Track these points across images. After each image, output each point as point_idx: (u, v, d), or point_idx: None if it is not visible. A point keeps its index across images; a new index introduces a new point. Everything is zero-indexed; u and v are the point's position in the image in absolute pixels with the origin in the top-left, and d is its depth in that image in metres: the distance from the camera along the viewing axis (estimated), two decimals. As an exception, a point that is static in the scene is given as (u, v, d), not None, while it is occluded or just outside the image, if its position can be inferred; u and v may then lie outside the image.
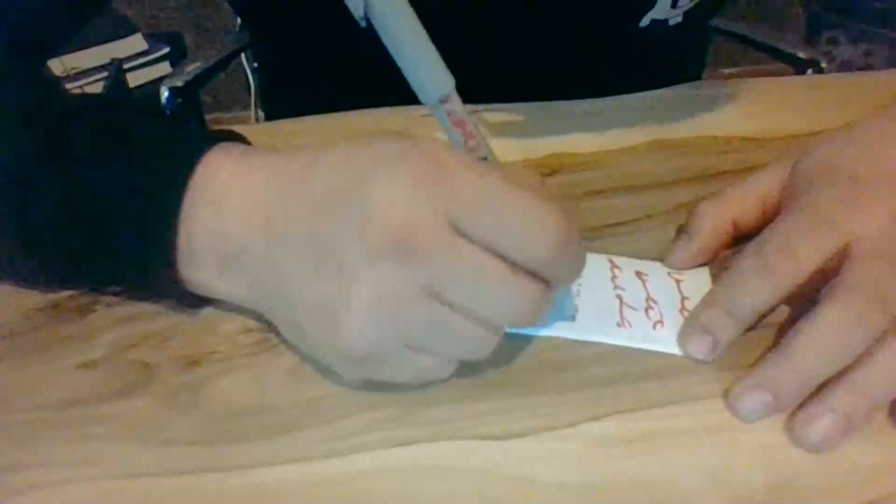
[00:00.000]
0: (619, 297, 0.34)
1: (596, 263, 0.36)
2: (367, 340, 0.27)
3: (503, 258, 0.26)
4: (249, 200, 0.29)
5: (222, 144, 0.31)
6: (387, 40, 0.28)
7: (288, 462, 0.28)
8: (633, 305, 0.34)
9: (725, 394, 0.30)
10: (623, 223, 0.39)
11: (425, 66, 0.28)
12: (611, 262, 0.36)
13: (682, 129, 0.46)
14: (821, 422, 0.28)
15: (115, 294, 0.34)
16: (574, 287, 0.35)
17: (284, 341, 0.32)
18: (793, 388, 0.29)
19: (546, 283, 0.28)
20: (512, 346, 0.32)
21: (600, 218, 0.39)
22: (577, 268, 0.29)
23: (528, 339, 0.32)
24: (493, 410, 0.29)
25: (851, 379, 0.28)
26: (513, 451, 0.28)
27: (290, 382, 0.31)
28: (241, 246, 0.29)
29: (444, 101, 0.29)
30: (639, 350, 0.32)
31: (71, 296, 0.34)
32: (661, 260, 0.36)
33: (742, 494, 0.27)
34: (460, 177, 0.26)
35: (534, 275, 0.27)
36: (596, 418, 0.29)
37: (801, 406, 0.29)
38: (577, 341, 0.32)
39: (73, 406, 0.29)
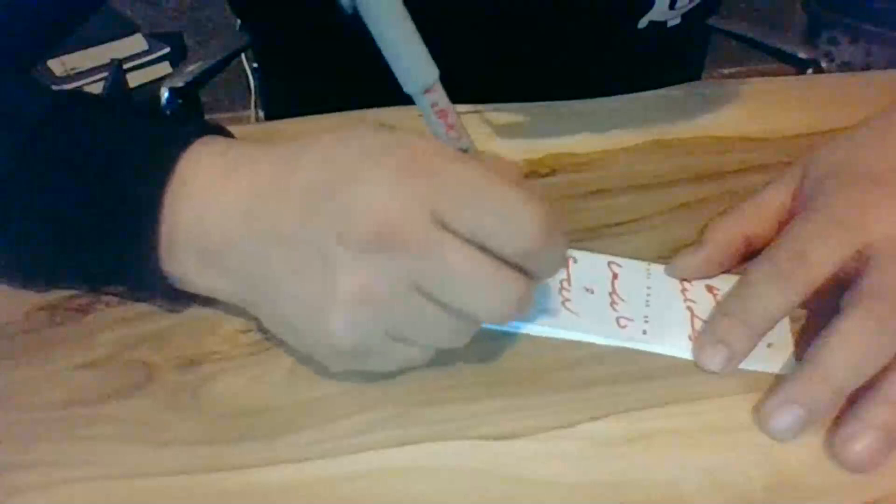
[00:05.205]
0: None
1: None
2: (352, 334, 0.27)
3: (486, 252, 0.26)
4: (230, 197, 0.29)
5: (203, 140, 0.31)
6: (374, 29, 0.28)
7: (288, 462, 0.28)
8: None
9: (725, 394, 0.30)
10: (623, 223, 0.39)
11: (411, 56, 0.29)
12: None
13: (682, 129, 0.46)
14: (862, 441, 0.27)
15: (115, 294, 0.34)
16: (557, 284, 0.34)
17: (284, 342, 0.32)
18: (824, 399, 0.28)
19: (528, 277, 0.27)
20: (512, 345, 0.32)
21: (600, 218, 0.39)
22: (558, 261, 0.29)
23: (527, 339, 0.32)
24: (493, 410, 0.29)
25: (885, 392, 0.28)
26: (513, 451, 0.28)
27: (290, 382, 0.31)
28: (222, 242, 0.29)
29: (427, 91, 0.29)
30: (638, 350, 0.32)
31: (71, 296, 0.34)
32: (661, 260, 0.36)
33: (742, 494, 0.27)
34: (442, 170, 0.27)
35: (516, 269, 0.27)
36: (596, 418, 0.29)
37: (838, 425, 0.28)
38: (577, 341, 0.32)
39: (73, 406, 0.29)
